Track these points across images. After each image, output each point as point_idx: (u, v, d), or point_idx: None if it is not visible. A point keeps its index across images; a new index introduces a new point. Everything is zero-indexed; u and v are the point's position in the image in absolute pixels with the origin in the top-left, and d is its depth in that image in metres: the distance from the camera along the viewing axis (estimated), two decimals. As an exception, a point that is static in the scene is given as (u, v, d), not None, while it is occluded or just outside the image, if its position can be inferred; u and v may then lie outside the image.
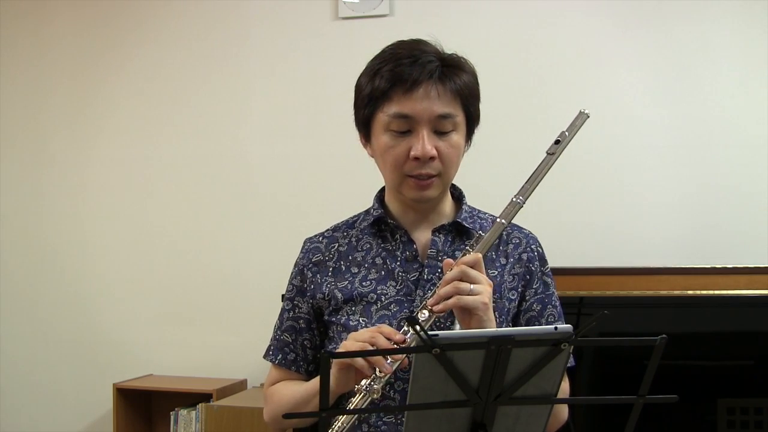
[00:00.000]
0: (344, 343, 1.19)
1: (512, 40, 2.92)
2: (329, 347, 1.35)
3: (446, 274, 1.19)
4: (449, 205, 1.39)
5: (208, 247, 3.18)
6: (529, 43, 2.91)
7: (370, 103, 1.29)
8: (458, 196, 1.41)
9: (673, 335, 0.97)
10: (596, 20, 2.88)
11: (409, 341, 1.15)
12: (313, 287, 1.36)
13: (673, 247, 2.76)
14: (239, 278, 3.14)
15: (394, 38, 1.34)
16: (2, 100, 3.42)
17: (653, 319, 2.43)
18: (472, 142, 1.36)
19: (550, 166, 1.25)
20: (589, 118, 1.25)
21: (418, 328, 0.89)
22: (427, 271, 1.30)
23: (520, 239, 1.37)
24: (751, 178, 2.73)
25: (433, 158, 1.25)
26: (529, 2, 2.92)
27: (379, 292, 1.30)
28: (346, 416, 1.15)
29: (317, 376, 1.30)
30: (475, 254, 1.20)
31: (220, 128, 3.19)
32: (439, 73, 1.25)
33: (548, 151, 1.25)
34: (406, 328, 1.19)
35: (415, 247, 1.33)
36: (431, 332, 0.88)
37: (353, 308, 1.31)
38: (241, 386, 3.05)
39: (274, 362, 1.39)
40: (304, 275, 1.38)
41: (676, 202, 2.79)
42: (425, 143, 1.24)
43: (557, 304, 1.37)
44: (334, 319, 1.33)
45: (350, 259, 1.36)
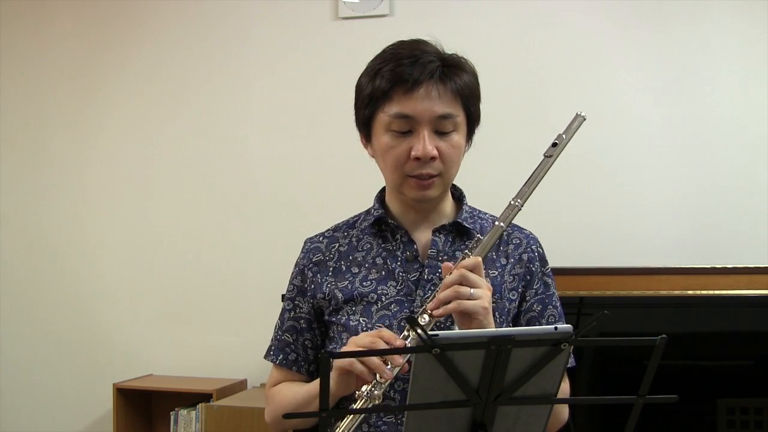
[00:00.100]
0: (344, 348, 1.19)
1: (512, 40, 2.92)
2: (330, 347, 1.35)
3: (445, 277, 1.18)
4: (450, 205, 1.39)
5: (208, 247, 3.18)
6: (529, 43, 2.91)
7: (370, 103, 1.29)
8: (459, 196, 1.41)
9: (673, 335, 0.97)
10: (596, 20, 2.88)
11: (408, 346, 1.15)
12: (313, 287, 1.36)
13: (673, 247, 2.76)
14: (239, 278, 3.14)
15: (394, 38, 1.34)
16: (2, 100, 3.42)
17: (653, 319, 2.43)
18: (472, 142, 1.36)
19: (547, 168, 1.25)
20: (585, 120, 1.26)
21: (418, 328, 0.89)
22: (427, 271, 1.30)
23: (520, 239, 1.37)
24: (751, 178, 2.73)
25: (434, 158, 1.25)
26: (529, 2, 2.92)
27: (379, 292, 1.30)
28: (347, 421, 1.15)
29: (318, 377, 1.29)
30: (474, 258, 1.19)
31: (220, 128, 3.19)
32: (439, 73, 1.25)
33: (545, 153, 1.25)
34: (406, 333, 1.18)
35: (415, 247, 1.33)
36: (431, 332, 0.89)
37: (354, 308, 1.31)
38: (241, 386, 3.05)
39: (275, 362, 1.39)
40: (304, 275, 1.38)
41: (676, 202, 2.79)
42: (426, 143, 1.24)
43: (558, 304, 1.37)
44: (334, 319, 1.33)
45: (351, 259, 1.36)
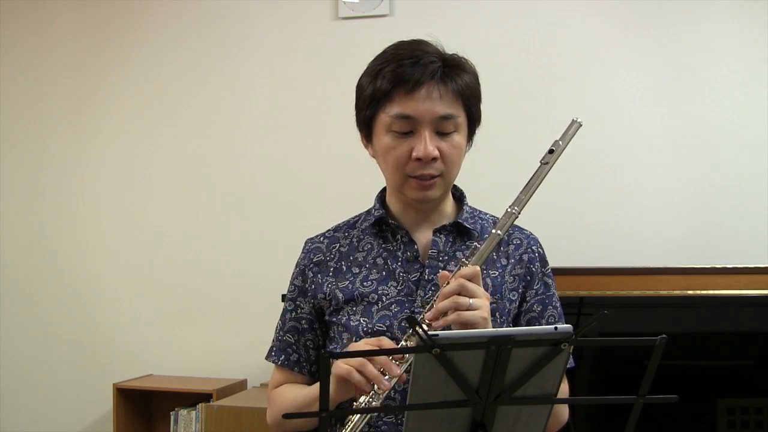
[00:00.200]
0: (342, 362, 1.15)
1: (512, 40, 2.92)
2: (330, 347, 1.35)
3: (443, 287, 1.17)
4: (450, 205, 1.38)
5: (208, 247, 3.18)
6: (529, 43, 2.91)
7: (371, 103, 1.28)
8: (459, 196, 1.41)
9: (673, 335, 0.97)
10: (596, 20, 2.88)
11: (406, 356, 1.14)
12: (314, 287, 1.36)
13: (673, 247, 2.76)
14: (239, 278, 3.13)
15: (394, 38, 1.33)
16: (2, 100, 3.42)
17: (653, 319, 2.43)
18: (473, 142, 1.36)
19: (544, 175, 1.24)
20: (582, 126, 1.26)
21: (418, 328, 0.89)
22: (428, 271, 1.30)
23: (521, 240, 1.37)
24: (751, 178, 2.73)
25: (435, 159, 1.25)
26: (529, 2, 2.92)
27: (380, 292, 1.30)
28: (348, 429, 1.14)
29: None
30: (472, 267, 1.19)
31: (220, 128, 3.19)
32: (440, 73, 1.25)
33: (542, 160, 1.25)
34: (404, 342, 1.18)
35: (416, 247, 1.33)
36: (431, 332, 0.89)
37: (354, 308, 1.31)
38: (241, 386, 3.05)
39: (276, 363, 1.39)
40: (305, 275, 1.38)
41: (676, 202, 2.79)
42: (427, 144, 1.24)
43: (558, 304, 1.37)
44: (335, 319, 1.33)
45: (351, 259, 1.36)
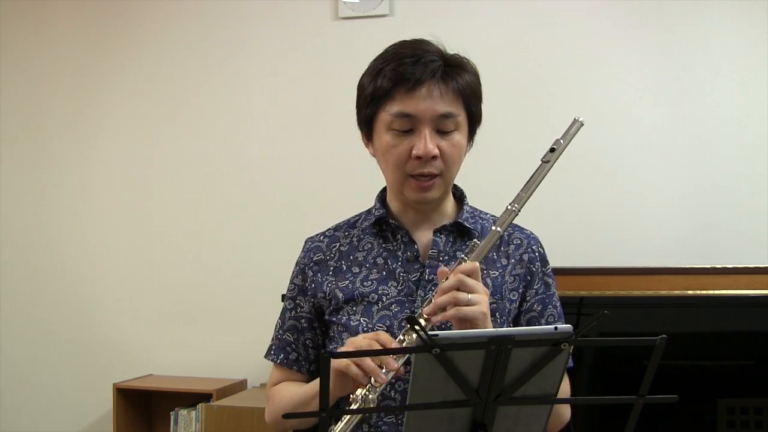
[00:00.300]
0: (342, 350, 1.18)
1: (512, 40, 2.92)
2: (330, 347, 1.35)
3: (442, 283, 1.17)
4: (451, 205, 1.39)
5: (208, 247, 3.18)
6: (529, 43, 2.91)
7: (372, 102, 1.29)
8: (460, 196, 1.41)
9: (673, 335, 0.97)
10: (596, 20, 2.88)
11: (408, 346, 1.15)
12: (314, 286, 1.36)
13: (673, 247, 2.76)
14: (239, 278, 3.13)
15: (394, 38, 1.34)
16: (2, 100, 3.42)
17: (653, 319, 2.43)
18: (474, 142, 1.36)
19: (545, 174, 1.24)
20: (583, 125, 1.26)
21: (418, 328, 0.89)
22: (428, 271, 1.30)
23: (521, 240, 1.37)
24: (751, 178, 2.73)
25: (435, 157, 1.25)
26: (529, 2, 2.92)
27: (380, 292, 1.30)
28: (342, 424, 1.14)
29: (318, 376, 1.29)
30: (472, 263, 1.19)
31: (220, 128, 3.19)
32: (441, 72, 1.25)
33: (543, 159, 1.25)
34: (402, 336, 1.18)
35: (416, 247, 1.33)
36: (431, 332, 0.88)
37: (354, 308, 1.31)
38: (241, 386, 3.05)
39: (275, 362, 1.39)
40: (305, 274, 1.38)
41: (676, 202, 2.79)
42: (427, 142, 1.24)
43: (558, 304, 1.37)
44: (334, 318, 1.33)
45: (351, 258, 1.36)
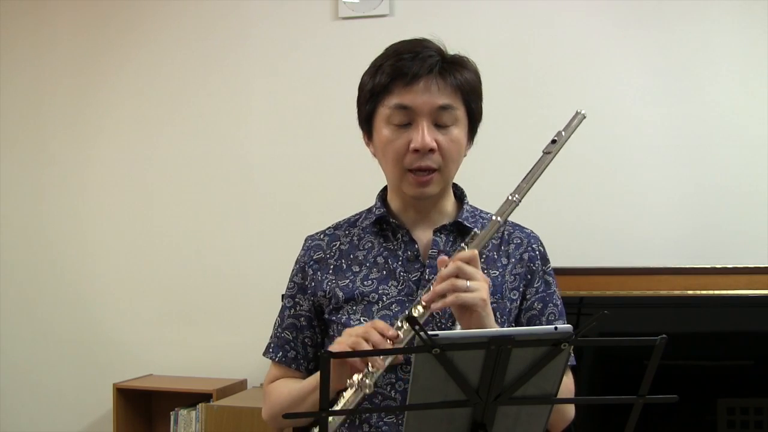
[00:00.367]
0: (338, 339, 1.18)
1: (512, 40, 2.92)
2: (329, 346, 1.34)
3: (441, 270, 1.18)
4: (451, 204, 1.38)
5: (208, 247, 3.18)
6: (529, 43, 2.91)
7: (371, 98, 1.30)
8: (460, 195, 1.41)
9: (673, 335, 0.97)
10: (596, 20, 2.88)
11: (402, 336, 1.15)
12: (314, 285, 1.36)
13: (673, 247, 2.76)
14: (239, 278, 3.13)
15: (394, 38, 1.34)
16: (2, 100, 3.42)
17: (653, 319, 2.43)
18: (474, 141, 1.36)
19: (546, 165, 1.24)
20: (585, 118, 1.26)
21: (418, 328, 0.89)
22: (428, 271, 1.30)
23: (521, 239, 1.37)
24: (751, 178, 2.73)
25: (433, 150, 1.26)
26: (529, 2, 2.92)
27: (380, 292, 1.30)
28: (344, 401, 1.15)
29: (316, 372, 1.29)
30: (471, 250, 1.19)
31: (220, 128, 3.19)
32: (439, 67, 1.26)
33: (545, 150, 1.25)
34: (399, 323, 1.18)
35: (416, 247, 1.33)
36: (431, 332, 0.88)
37: (354, 308, 1.30)
38: (241, 386, 3.05)
39: (274, 360, 1.39)
40: (305, 272, 1.38)
41: (676, 202, 2.79)
42: (425, 135, 1.25)
43: (559, 303, 1.37)
44: (334, 318, 1.33)
45: (351, 257, 1.36)
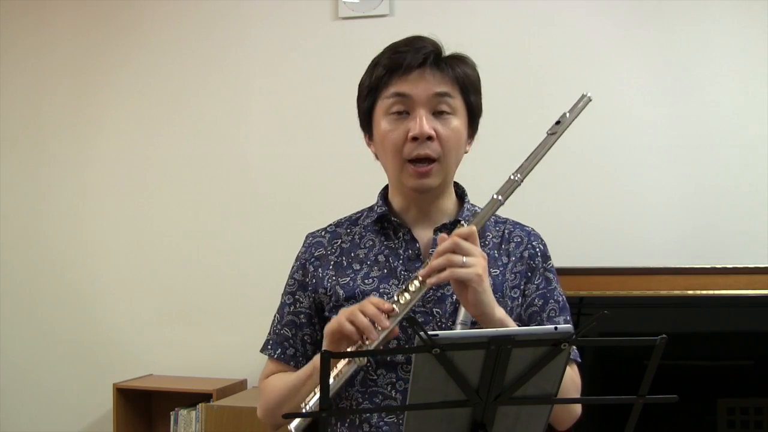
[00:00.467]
0: (335, 317, 1.19)
1: (512, 40, 2.92)
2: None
3: (439, 245, 1.18)
4: (452, 203, 1.39)
5: (208, 247, 3.18)
6: (529, 42, 2.91)
7: (370, 93, 1.31)
8: (461, 194, 1.41)
9: (673, 335, 0.97)
10: (596, 20, 2.88)
11: (397, 310, 1.16)
12: (314, 281, 1.36)
13: (673, 247, 2.76)
14: (239, 278, 3.13)
15: (394, 38, 1.35)
16: (2, 100, 3.42)
17: (653, 319, 2.43)
18: (474, 138, 1.36)
19: (550, 146, 1.25)
20: (591, 101, 1.26)
21: (418, 329, 0.89)
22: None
23: (521, 237, 1.37)
24: (751, 178, 2.73)
25: (431, 138, 1.26)
26: (529, 2, 2.92)
27: (381, 290, 1.30)
28: (342, 365, 1.16)
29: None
30: (469, 227, 1.19)
31: (220, 128, 3.19)
32: (434, 58, 1.28)
33: (549, 131, 1.25)
34: (395, 297, 1.19)
35: (417, 245, 1.33)
36: (431, 332, 0.88)
37: (355, 306, 1.31)
38: (241, 386, 3.04)
39: (272, 356, 1.38)
40: (305, 269, 1.38)
41: (676, 202, 2.79)
42: (423, 122, 1.25)
43: (560, 299, 1.36)
44: (334, 316, 1.32)
45: (352, 255, 1.36)
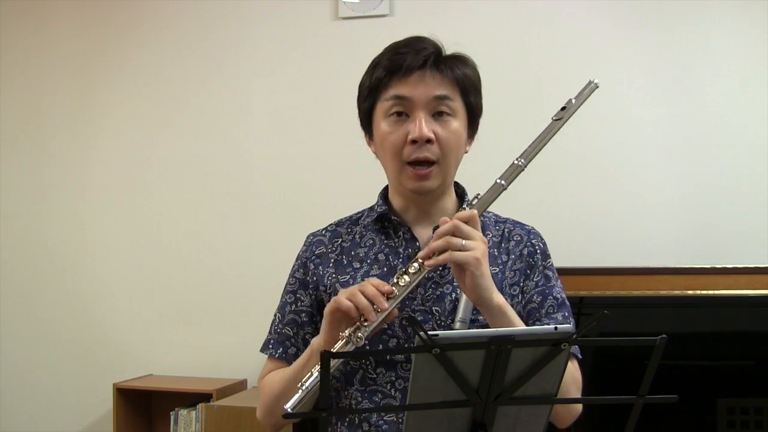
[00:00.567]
0: (334, 297, 1.19)
1: (512, 40, 2.92)
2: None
3: (439, 227, 1.19)
4: (452, 202, 1.39)
5: (208, 247, 3.18)
6: (529, 42, 2.91)
7: (370, 94, 1.31)
8: (461, 194, 1.41)
9: (673, 335, 0.97)
10: (596, 20, 2.88)
11: (397, 293, 1.17)
12: (315, 279, 1.36)
13: (673, 247, 2.76)
14: (239, 278, 3.13)
15: (394, 38, 1.35)
16: (2, 100, 3.42)
17: (653, 319, 2.43)
18: (474, 139, 1.36)
19: (554, 132, 1.24)
20: (597, 88, 1.26)
21: (418, 329, 0.89)
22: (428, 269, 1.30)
23: (521, 236, 1.37)
24: (751, 178, 2.73)
25: (431, 141, 1.26)
26: (529, 2, 2.92)
27: (381, 288, 1.30)
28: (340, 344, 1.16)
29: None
30: (470, 211, 1.20)
31: (220, 128, 3.19)
32: (434, 59, 1.28)
33: (554, 117, 1.25)
34: (394, 279, 1.19)
35: (417, 244, 1.33)
36: (431, 332, 0.88)
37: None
38: (241, 386, 3.04)
39: (273, 356, 1.38)
40: (306, 268, 1.38)
41: (676, 202, 2.79)
42: (422, 125, 1.25)
43: (558, 295, 1.35)
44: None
45: (353, 254, 1.36)
